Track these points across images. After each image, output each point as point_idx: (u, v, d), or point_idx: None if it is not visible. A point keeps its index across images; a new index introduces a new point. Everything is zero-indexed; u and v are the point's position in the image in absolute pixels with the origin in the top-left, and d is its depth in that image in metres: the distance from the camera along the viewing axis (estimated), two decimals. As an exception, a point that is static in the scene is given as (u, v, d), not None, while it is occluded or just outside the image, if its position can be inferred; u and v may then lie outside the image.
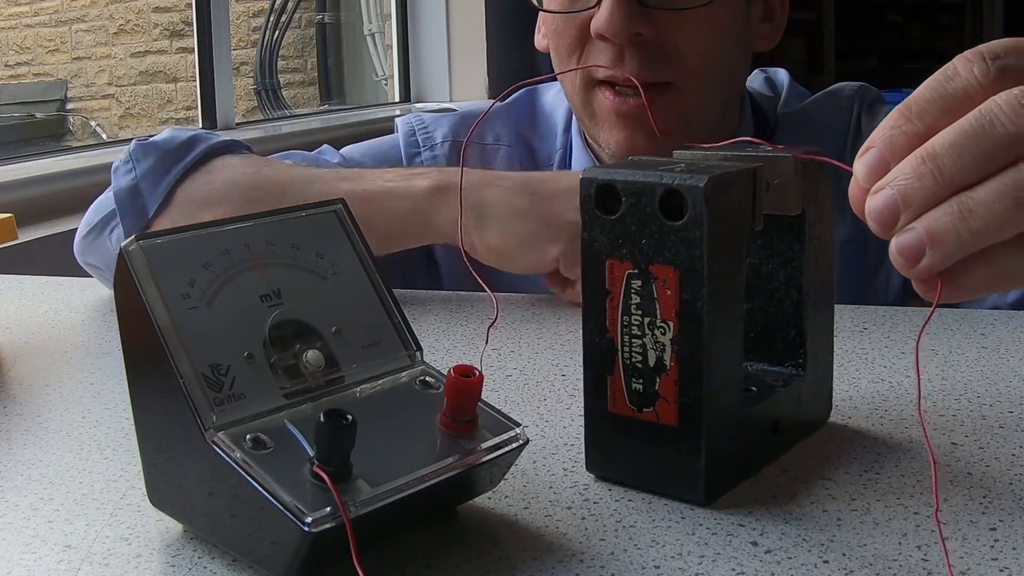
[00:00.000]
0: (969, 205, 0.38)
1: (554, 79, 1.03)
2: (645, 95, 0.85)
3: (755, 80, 1.05)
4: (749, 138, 0.51)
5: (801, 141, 0.96)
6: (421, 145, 1.03)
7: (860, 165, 0.41)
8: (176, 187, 0.87)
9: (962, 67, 0.40)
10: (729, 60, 0.91)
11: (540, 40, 1.00)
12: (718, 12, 0.86)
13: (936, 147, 0.39)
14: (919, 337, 0.44)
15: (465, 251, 0.81)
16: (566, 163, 1.00)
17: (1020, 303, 0.84)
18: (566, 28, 0.89)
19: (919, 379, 0.43)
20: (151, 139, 0.90)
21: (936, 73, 0.40)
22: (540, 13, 1.01)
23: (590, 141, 0.98)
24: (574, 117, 1.01)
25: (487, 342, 0.72)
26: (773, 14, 0.95)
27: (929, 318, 0.40)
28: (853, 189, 0.41)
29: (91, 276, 0.95)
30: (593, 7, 0.85)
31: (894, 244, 0.39)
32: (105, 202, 0.90)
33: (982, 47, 0.40)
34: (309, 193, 0.82)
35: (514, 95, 1.08)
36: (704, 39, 0.87)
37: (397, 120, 1.07)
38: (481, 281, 0.52)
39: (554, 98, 1.05)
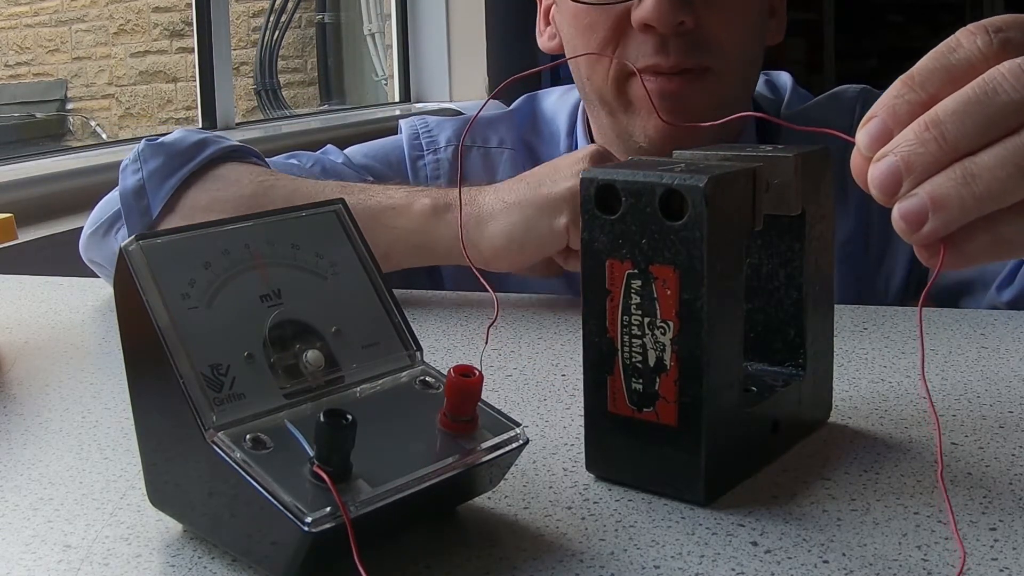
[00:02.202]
0: (972, 170, 0.38)
1: (557, 77, 1.02)
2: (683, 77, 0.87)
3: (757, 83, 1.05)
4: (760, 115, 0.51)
5: (803, 142, 0.96)
6: (425, 148, 1.03)
7: (863, 134, 0.41)
8: (182, 190, 0.86)
9: (965, 39, 0.40)
10: (755, 50, 0.93)
11: (546, 42, 1.00)
12: (747, 1, 0.89)
13: (939, 114, 0.39)
14: (922, 299, 0.43)
15: (474, 265, 0.81)
16: None
17: (1017, 303, 0.84)
18: (601, 21, 0.88)
19: (922, 343, 0.43)
20: (161, 139, 0.89)
21: (939, 45, 0.40)
22: (539, 13, 1.01)
23: (597, 142, 0.97)
24: (579, 119, 1.00)
25: (487, 342, 0.72)
26: (775, 11, 0.96)
27: (931, 283, 0.40)
28: (856, 159, 0.41)
29: (92, 276, 0.95)
30: None
31: (897, 210, 0.39)
32: (113, 200, 0.90)
33: (984, 21, 0.40)
34: None
35: (516, 102, 1.08)
36: (738, 27, 0.89)
37: (401, 122, 1.07)
38: (482, 280, 0.52)
39: (555, 103, 1.04)
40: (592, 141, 0.98)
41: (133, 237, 0.42)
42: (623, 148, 0.93)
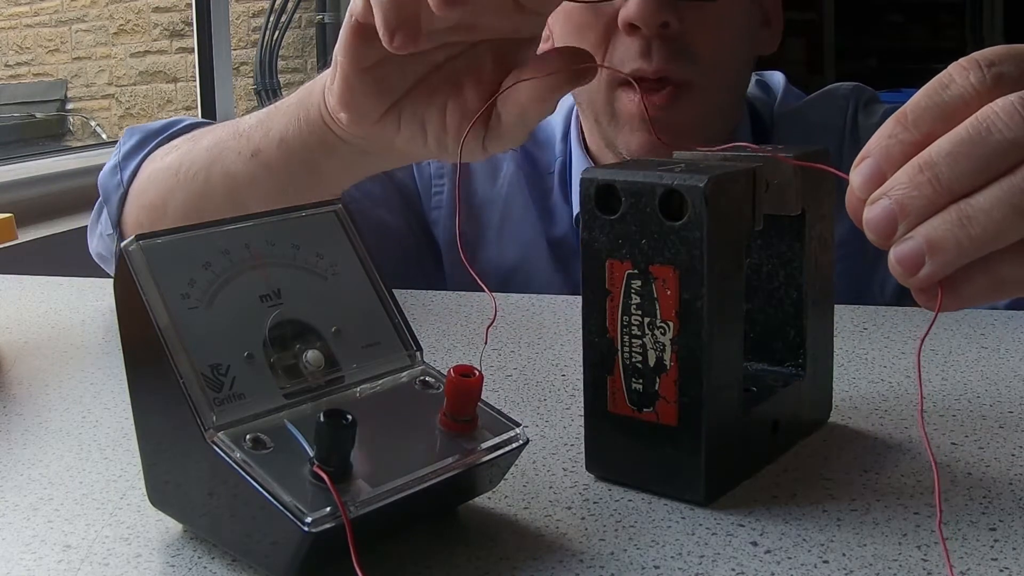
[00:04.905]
0: (968, 212, 0.38)
1: None
2: (670, 90, 0.85)
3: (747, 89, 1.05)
4: (746, 144, 0.51)
5: (798, 140, 0.96)
6: None
7: (856, 175, 0.40)
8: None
9: (958, 75, 0.40)
10: (741, 58, 0.93)
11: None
12: (734, 8, 0.89)
13: (933, 155, 0.38)
14: (919, 347, 0.43)
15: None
16: (566, 170, 1.00)
17: (1017, 305, 0.84)
18: (591, 23, 0.88)
19: (920, 389, 0.43)
20: (143, 125, 0.90)
21: (931, 81, 0.40)
22: None
23: (590, 147, 0.97)
24: (572, 124, 1.00)
25: (487, 342, 0.72)
26: (770, 21, 0.96)
27: (930, 328, 0.40)
28: (850, 199, 0.41)
29: (92, 276, 0.95)
30: None
31: (893, 254, 0.39)
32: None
33: (976, 54, 0.40)
34: (214, 170, 0.76)
35: None
36: (723, 34, 0.88)
37: None
38: (480, 281, 0.52)
39: None
40: (584, 145, 0.98)
41: (133, 237, 0.42)
42: (610, 155, 0.94)
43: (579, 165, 0.98)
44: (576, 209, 0.97)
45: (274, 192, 0.71)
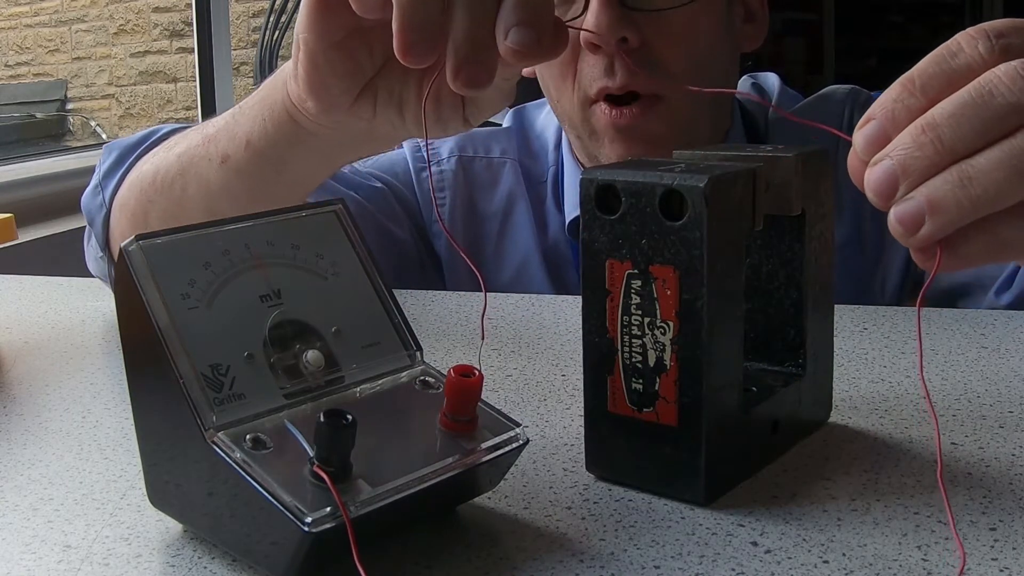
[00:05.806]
0: (969, 173, 0.38)
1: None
2: (648, 85, 0.84)
3: (743, 87, 1.04)
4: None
5: (794, 143, 0.96)
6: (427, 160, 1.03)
7: (859, 137, 0.41)
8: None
9: (966, 44, 0.40)
10: (716, 63, 0.91)
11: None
12: (700, 15, 0.86)
13: (936, 117, 0.39)
14: (920, 298, 0.44)
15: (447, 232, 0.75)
16: (559, 179, 1.00)
17: (1016, 306, 0.84)
18: None
19: (920, 344, 0.43)
20: (117, 140, 0.89)
21: (939, 48, 0.40)
22: None
23: (578, 156, 0.97)
24: (563, 134, 1.00)
25: (484, 338, 0.72)
26: (754, 15, 0.95)
27: (928, 284, 0.40)
28: (852, 161, 0.41)
29: (90, 276, 0.95)
30: (580, 15, 0.85)
31: (893, 213, 0.39)
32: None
33: (985, 25, 0.40)
34: (188, 178, 0.75)
35: (507, 118, 1.07)
36: (688, 42, 0.86)
37: None
38: (472, 264, 0.51)
39: (545, 117, 1.04)
40: (575, 155, 0.98)
41: (133, 237, 0.42)
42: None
43: (571, 173, 0.98)
44: (568, 217, 0.97)
45: (244, 196, 0.70)
